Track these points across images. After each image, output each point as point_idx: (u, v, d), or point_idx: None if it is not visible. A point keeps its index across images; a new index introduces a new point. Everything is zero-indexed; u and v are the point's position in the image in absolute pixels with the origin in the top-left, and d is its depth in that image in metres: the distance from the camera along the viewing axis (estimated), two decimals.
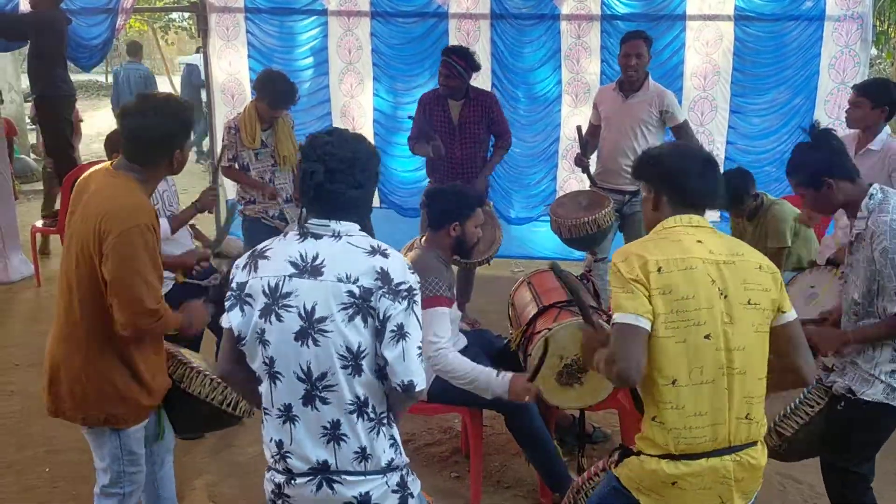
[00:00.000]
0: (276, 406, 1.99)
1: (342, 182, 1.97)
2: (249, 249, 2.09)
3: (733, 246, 2.20)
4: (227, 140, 4.92)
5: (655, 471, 2.12)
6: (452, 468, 3.71)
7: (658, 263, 2.08)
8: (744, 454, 2.13)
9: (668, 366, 2.07)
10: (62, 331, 2.52)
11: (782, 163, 6.06)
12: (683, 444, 2.09)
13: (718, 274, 2.09)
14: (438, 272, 3.18)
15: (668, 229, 2.21)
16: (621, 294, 2.11)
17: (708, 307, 2.07)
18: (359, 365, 1.92)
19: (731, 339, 2.08)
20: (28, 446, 3.90)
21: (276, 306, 1.93)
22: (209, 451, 3.83)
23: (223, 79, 6.72)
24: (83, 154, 8.63)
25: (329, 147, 1.97)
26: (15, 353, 5.02)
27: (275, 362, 1.96)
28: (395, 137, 6.42)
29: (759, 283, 2.13)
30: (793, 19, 5.82)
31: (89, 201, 2.45)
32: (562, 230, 4.57)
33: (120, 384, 2.49)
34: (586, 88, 6.23)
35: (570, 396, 3.21)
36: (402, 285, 1.93)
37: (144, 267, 2.38)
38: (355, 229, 2.01)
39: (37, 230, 6.47)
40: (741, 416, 2.10)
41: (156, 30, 19.37)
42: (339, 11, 6.40)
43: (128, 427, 2.56)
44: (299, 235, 2.00)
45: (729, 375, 2.08)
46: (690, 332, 2.06)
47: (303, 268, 1.94)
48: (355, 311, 1.90)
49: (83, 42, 6.60)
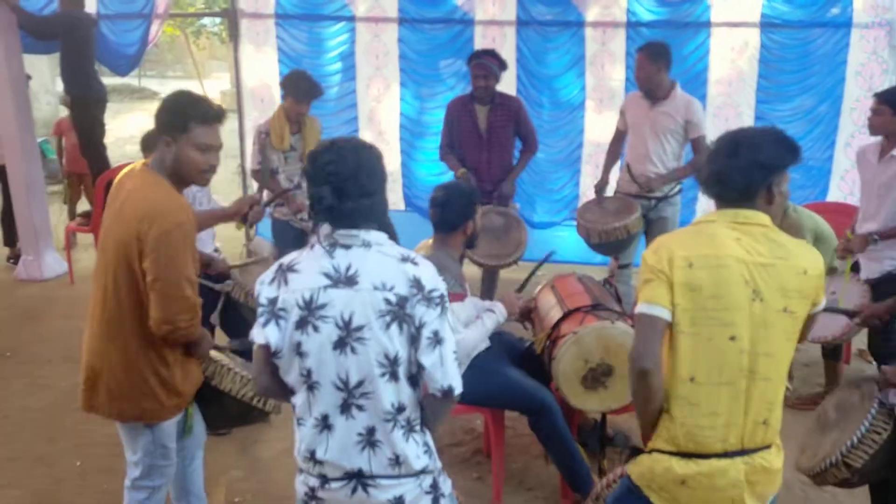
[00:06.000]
0: (313, 416, 2.02)
1: (352, 197, 1.97)
2: (278, 250, 2.11)
3: (777, 246, 2.11)
4: (256, 143, 5.02)
5: (666, 468, 2.12)
6: (474, 469, 3.75)
7: (688, 259, 2.05)
8: (757, 457, 2.11)
9: (689, 362, 2.06)
10: (99, 328, 2.58)
11: (807, 169, 6.13)
12: (692, 442, 2.09)
13: (753, 275, 2.04)
14: (448, 269, 3.22)
15: (708, 223, 2.17)
16: (643, 284, 2.12)
17: (737, 308, 2.03)
18: (395, 371, 1.95)
19: (759, 344, 2.05)
20: (59, 439, 4.00)
21: (313, 318, 1.95)
22: (236, 447, 3.91)
23: (253, 83, 6.85)
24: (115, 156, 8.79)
25: (331, 166, 1.96)
26: (49, 348, 5.15)
27: (313, 373, 1.98)
28: (421, 142, 6.50)
29: (800, 289, 2.07)
30: (819, 26, 5.82)
31: (126, 201, 2.49)
32: (591, 235, 4.60)
33: (154, 380, 2.55)
34: (611, 94, 6.26)
35: (594, 400, 3.24)
36: (435, 292, 1.96)
37: (186, 265, 2.44)
38: (384, 238, 2.03)
39: (72, 229, 6.63)
40: (758, 421, 2.09)
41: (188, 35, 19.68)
42: (366, 18, 6.50)
43: (161, 422, 2.62)
44: (329, 246, 2.01)
45: (750, 379, 2.06)
46: (715, 331, 2.04)
47: (337, 279, 1.96)
48: (392, 318, 1.93)
49: (118, 48, 6.79)
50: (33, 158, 6.50)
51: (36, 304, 6.06)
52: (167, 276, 2.40)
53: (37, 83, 11.13)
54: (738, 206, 2.15)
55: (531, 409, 3.27)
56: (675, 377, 2.10)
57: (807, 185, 6.21)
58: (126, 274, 2.46)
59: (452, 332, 2.01)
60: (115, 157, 9.01)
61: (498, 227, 4.82)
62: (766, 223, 2.15)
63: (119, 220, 2.48)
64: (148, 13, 6.71)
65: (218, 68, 25.19)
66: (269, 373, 2.07)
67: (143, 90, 21.04)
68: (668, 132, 4.77)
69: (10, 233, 6.82)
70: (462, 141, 5.18)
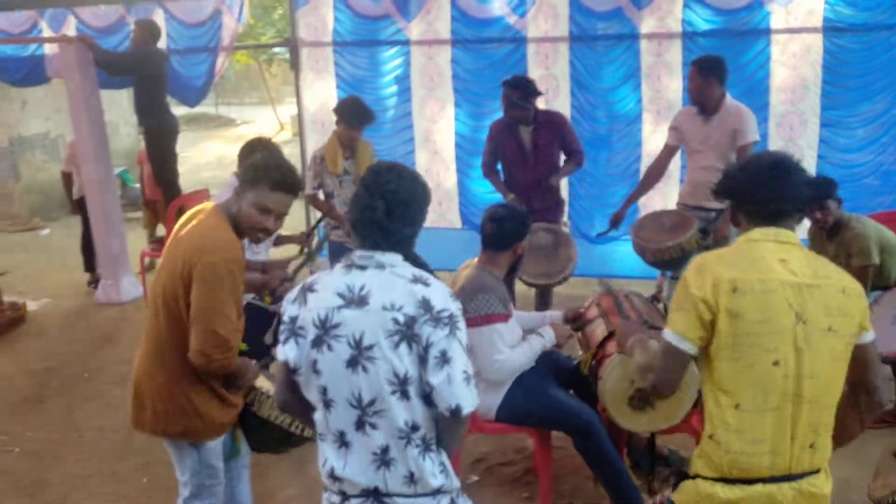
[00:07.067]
0: (331, 432, 2.08)
1: (400, 220, 2.04)
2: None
3: (819, 267, 2.08)
4: (312, 169, 5.17)
5: (710, 494, 2.08)
6: (524, 489, 3.74)
7: (734, 283, 2.00)
8: (804, 482, 2.06)
9: (733, 389, 2.03)
10: (148, 349, 2.72)
11: (884, 174, 5.88)
12: (737, 469, 2.04)
13: (797, 297, 2.00)
14: (493, 289, 3.25)
15: (753, 242, 2.11)
16: (676, 309, 2.08)
17: (780, 332, 1.99)
18: (406, 390, 1.99)
19: (804, 366, 2.00)
20: (129, 457, 4.19)
21: (327, 337, 2.02)
22: (291, 467, 4.00)
23: (314, 108, 7.05)
24: (191, 181, 9.18)
25: (392, 185, 2.03)
26: (124, 369, 5.38)
27: (328, 390, 2.04)
28: (476, 160, 6.49)
29: (843, 308, 2.03)
30: (886, 29, 5.60)
31: (185, 234, 2.63)
32: (645, 253, 4.55)
33: (198, 401, 2.66)
34: (668, 105, 6.16)
35: (642, 421, 3.18)
36: (444, 312, 1.99)
37: (226, 299, 2.52)
38: (399, 260, 2.08)
39: (145, 254, 6.95)
40: (805, 445, 2.04)
41: (261, 63, 20.38)
42: (421, 41, 6.61)
43: (206, 441, 2.73)
44: (345, 268, 2.08)
45: (796, 403, 2.01)
46: (758, 357, 2.00)
47: (350, 299, 2.01)
48: (400, 337, 1.97)
49: (187, 80, 7.11)
50: (110, 189, 6.84)
51: (114, 326, 6.36)
52: (204, 308, 2.50)
53: (117, 115, 11.70)
54: (777, 224, 2.12)
55: (575, 430, 3.25)
56: (719, 404, 2.06)
57: (885, 191, 5.96)
58: (174, 300, 2.58)
59: (466, 354, 2.03)
60: (191, 182, 9.44)
61: (547, 245, 4.81)
62: (799, 242, 2.13)
63: (175, 250, 2.61)
64: (214, 46, 7.02)
65: (290, 94, 25.73)
66: (289, 389, 2.15)
67: (220, 118, 21.87)
68: (724, 144, 4.70)
69: (91, 259, 7.18)
70: (508, 161, 5.18)
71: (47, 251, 9.03)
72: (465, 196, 6.77)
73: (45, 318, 6.59)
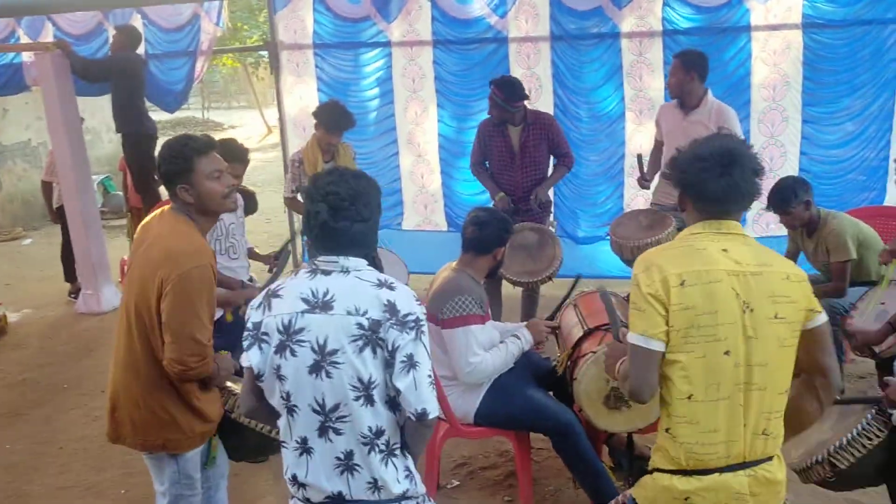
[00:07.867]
0: (293, 438, 2.06)
1: (346, 218, 2.02)
2: None
3: (762, 255, 2.11)
4: (290, 172, 5.14)
5: (668, 487, 2.11)
6: (506, 492, 3.71)
7: (681, 277, 2.03)
8: (759, 469, 2.09)
9: (685, 381, 2.04)
10: (123, 361, 2.68)
11: (868, 169, 5.87)
12: (695, 459, 2.07)
13: (743, 286, 2.03)
14: (469, 291, 3.24)
15: (694, 235, 2.15)
16: (634, 311, 2.08)
17: (730, 322, 2.02)
18: (370, 395, 1.97)
19: (753, 355, 2.03)
20: (107, 469, 4.14)
21: (291, 342, 2.00)
22: (273, 475, 3.96)
23: (295, 112, 7.00)
24: None
25: (331, 186, 2.02)
26: (105, 379, 5.31)
27: (291, 396, 2.02)
28: (460, 162, 6.50)
29: (788, 295, 2.06)
30: (865, 24, 5.59)
31: (152, 244, 2.60)
32: (623, 251, 4.52)
33: (176, 412, 2.63)
34: (650, 105, 6.13)
35: (619, 420, 3.17)
36: (409, 316, 1.98)
37: (200, 308, 2.51)
38: (363, 264, 2.06)
39: (126, 262, 6.85)
40: (757, 432, 2.06)
41: (248, 67, 20.32)
42: (402, 42, 6.56)
43: (185, 452, 2.69)
44: (310, 273, 2.06)
45: (747, 391, 2.04)
46: (709, 347, 2.02)
47: (314, 303, 2.00)
48: (365, 342, 1.95)
49: (165, 85, 7.05)
50: (89, 197, 6.78)
51: (94, 336, 6.29)
52: (180, 318, 2.48)
53: (99, 122, 11.63)
54: (722, 216, 2.13)
55: (553, 430, 3.24)
56: (672, 397, 2.08)
57: (866, 188, 5.95)
58: (147, 311, 2.55)
59: (430, 358, 2.02)
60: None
61: (531, 244, 4.79)
62: (744, 232, 2.16)
63: (144, 262, 2.59)
64: (193, 51, 6.95)
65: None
66: (255, 395, 2.14)
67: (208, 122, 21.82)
68: None
69: (71, 269, 7.10)
70: (495, 161, 5.17)
71: (29, 261, 8.97)
72: (450, 198, 6.73)
73: (25, 329, 6.53)
